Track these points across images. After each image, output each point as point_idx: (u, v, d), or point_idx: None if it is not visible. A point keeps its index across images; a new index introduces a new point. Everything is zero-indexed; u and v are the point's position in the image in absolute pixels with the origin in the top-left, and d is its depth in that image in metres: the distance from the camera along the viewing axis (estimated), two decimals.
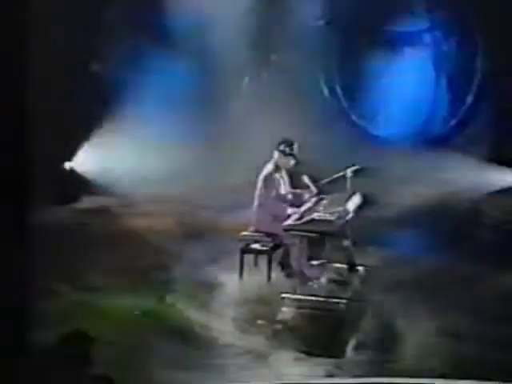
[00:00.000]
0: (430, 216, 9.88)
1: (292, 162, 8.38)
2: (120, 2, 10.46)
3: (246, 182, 8.81)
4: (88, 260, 8.37)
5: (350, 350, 6.89)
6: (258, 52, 11.25)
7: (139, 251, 8.80)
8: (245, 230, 8.42)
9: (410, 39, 11.59)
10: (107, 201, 10.10)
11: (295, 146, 8.37)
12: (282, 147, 8.28)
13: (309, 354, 6.74)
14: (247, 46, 10.99)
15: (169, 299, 7.70)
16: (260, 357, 6.65)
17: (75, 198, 9.87)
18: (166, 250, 8.92)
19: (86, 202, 10.13)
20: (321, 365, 6.40)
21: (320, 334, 7.06)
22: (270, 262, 8.17)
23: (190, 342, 6.77)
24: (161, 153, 10.15)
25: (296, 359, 6.53)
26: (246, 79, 11.44)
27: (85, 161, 10.20)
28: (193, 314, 7.40)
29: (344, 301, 7.59)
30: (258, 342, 6.94)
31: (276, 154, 8.30)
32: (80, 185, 10.10)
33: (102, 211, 9.93)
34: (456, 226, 9.63)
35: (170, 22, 10.70)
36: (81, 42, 9.77)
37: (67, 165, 10.07)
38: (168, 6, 10.65)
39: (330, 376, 6.28)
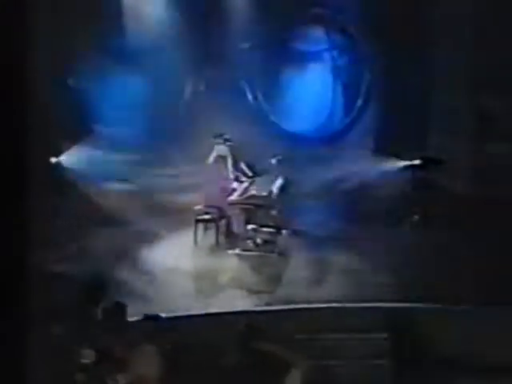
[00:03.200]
0: (332, 192, 11.41)
1: (226, 148, 10.10)
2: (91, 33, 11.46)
3: (196, 169, 10.29)
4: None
5: (279, 287, 8.76)
6: (197, 69, 12.26)
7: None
8: (198, 205, 10.04)
9: (313, 56, 12.72)
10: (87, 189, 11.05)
11: (226, 137, 10.07)
12: (216, 140, 10.09)
13: (251, 291, 8.61)
14: (188, 65, 12.03)
15: None
16: (216, 294, 8.58)
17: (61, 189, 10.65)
18: (135, 224, 10.32)
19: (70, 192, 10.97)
20: (261, 299, 8.42)
21: (257, 278, 9.03)
22: (217, 228, 9.94)
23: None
24: (126, 149, 11.32)
25: (242, 295, 8.54)
26: (188, 90, 12.35)
27: (69, 157, 11.30)
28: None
29: (273, 255, 9.60)
30: (214, 284, 8.85)
31: (215, 146, 10.12)
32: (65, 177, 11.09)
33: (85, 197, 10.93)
34: (351, 199, 11.32)
35: (130, 47, 11.76)
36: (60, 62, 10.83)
37: (53, 160, 11.07)
38: (127, 34, 11.83)
39: (269, 305, 8.26)
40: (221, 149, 10.09)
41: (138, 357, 5.62)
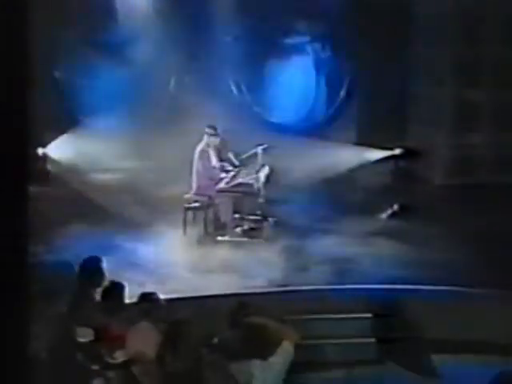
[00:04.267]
0: (316, 181, 11.47)
1: (217, 140, 10.26)
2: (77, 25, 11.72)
3: (185, 159, 10.31)
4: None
5: (266, 271, 8.97)
6: (182, 61, 12.26)
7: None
8: (187, 194, 10.13)
9: (296, 49, 12.97)
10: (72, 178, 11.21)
11: (216, 127, 10.10)
12: (208, 130, 10.15)
13: (239, 275, 8.74)
14: (173, 57, 12.08)
15: None
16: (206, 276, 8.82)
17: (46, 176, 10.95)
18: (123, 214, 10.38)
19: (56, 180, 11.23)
20: (250, 282, 8.59)
21: (244, 262, 9.21)
22: (206, 216, 10.07)
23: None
24: (113, 140, 11.28)
25: (231, 280, 8.67)
26: (172, 82, 12.61)
27: (56, 147, 11.51)
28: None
29: (261, 240, 9.91)
30: (204, 270, 9.05)
31: (205, 136, 10.15)
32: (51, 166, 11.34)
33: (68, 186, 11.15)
34: (334, 189, 11.55)
35: (116, 40, 12.00)
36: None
37: (40, 150, 11.21)
38: (112, 26, 11.98)
39: (257, 288, 8.45)
40: (210, 139, 10.15)
41: (135, 334, 5.79)
